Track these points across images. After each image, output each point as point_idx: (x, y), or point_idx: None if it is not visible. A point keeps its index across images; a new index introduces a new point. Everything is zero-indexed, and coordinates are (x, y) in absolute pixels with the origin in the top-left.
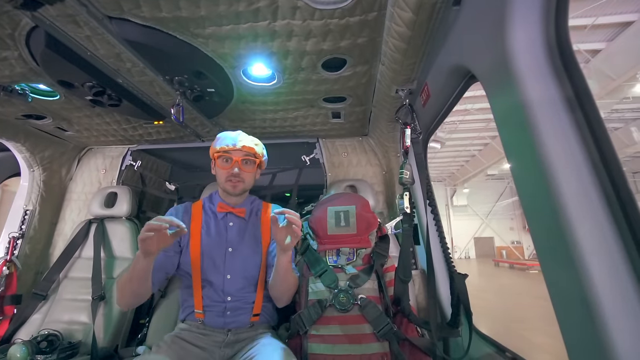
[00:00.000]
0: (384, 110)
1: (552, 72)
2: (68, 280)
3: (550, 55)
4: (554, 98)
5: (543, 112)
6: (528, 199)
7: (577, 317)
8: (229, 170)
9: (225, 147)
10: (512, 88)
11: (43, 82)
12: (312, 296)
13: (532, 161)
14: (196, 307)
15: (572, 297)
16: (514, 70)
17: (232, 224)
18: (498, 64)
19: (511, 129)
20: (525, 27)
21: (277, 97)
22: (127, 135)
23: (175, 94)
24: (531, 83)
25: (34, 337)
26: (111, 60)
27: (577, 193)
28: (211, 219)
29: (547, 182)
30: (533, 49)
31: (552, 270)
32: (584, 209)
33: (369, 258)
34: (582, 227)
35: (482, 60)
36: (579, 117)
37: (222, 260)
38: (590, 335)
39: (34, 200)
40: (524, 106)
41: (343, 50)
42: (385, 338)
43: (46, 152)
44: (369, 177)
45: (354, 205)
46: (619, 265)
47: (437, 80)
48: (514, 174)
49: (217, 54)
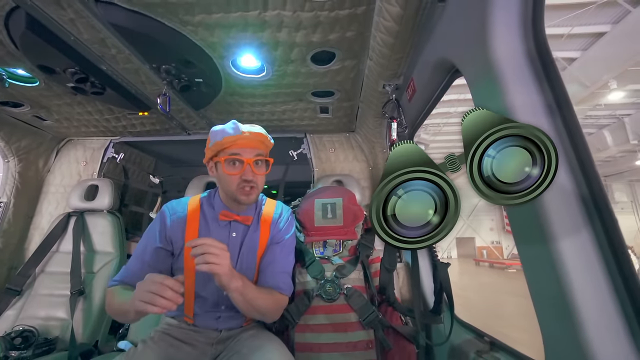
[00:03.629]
0: (371, 106)
1: (530, 66)
2: (45, 275)
3: (528, 52)
4: (532, 92)
5: (521, 102)
6: None
7: (555, 312)
8: (239, 175)
9: (228, 138)
10: (492, 79)
11: (22, 66)
12: (299, 287)
13: None
14: (186, 312)
15: (550, 294)
16: (493, 62)
17: (235, 235)
18: (479, 57)
19: None
20: (506, 21)
21: (265, 90)
22: (110, 127)
23: (161, 83)
24: (510, 75)
25: (7, 333)
26: (95, 46)
27: (555, 192)
28: (210, 228)
29: None
30: (512, 42)
31: (532, 268)
32: (562, 209)
33: (355, 249)
34: (560, 226)
35: (465, 54)
36: (557, 119)
37: None
38: (567, 330)
39: (9, 192)
40: (504, 98)
41: (332, 43)
42: (371, 326)
43: (22, 142)
44: (356, 172)
45: (340, 198)
46: (593, 264)
47: (423, 75)
48: None
49: (206, 42)
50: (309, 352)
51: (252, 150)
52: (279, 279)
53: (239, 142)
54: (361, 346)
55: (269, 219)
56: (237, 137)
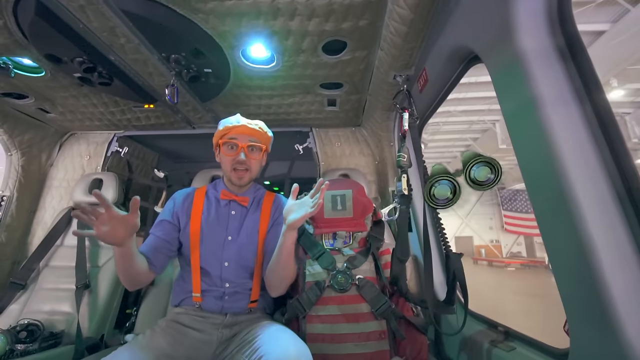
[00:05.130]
0: (379, 99)
1: (556, 49)
2: (49, 269)
3: (552, 32)
4: (560, 80)
5: (548, 88)
6: (530, 169)
7: (574, 269)
8: (234, 157)
9: (229, 125)
10: (516, 67)
11: (28, 55)
12: (310, 278)
13: (536, 137)
14: (194, 291)
15: (568, 250)
16: (519, 49)
17: (234, 213)
18: (502, 42)
19: (515, 106)
20: (532, 4)
21: (274, 82)
22: (114, 120)
23: (169, 74)
24: (536, 62)
25: (12, 327)
26: (104, 35)
27: (587, 183)
28: (213, 206)
29: (551, 160)
30: (539, 27)
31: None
32: (594, 200)
33: (365, 241)
34: (592, 216)
35: (486, 40)
36: (587, 108)
37: (221, 248)
38: (587, 287)
39: (12, 186)
40: (529, 85)
41: (344, 32)
42: (383, 316)
43: (25, 136)
44: (362, 166)
45: (350, 190)
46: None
47: (436, 64)
48: (516, 146)
49: (216, 31)
50: (321, 343)
51: (247, 137)
52: None
53: (236, 129)
54: (374, 336)
55: (270, 204)
56: (236, 125)
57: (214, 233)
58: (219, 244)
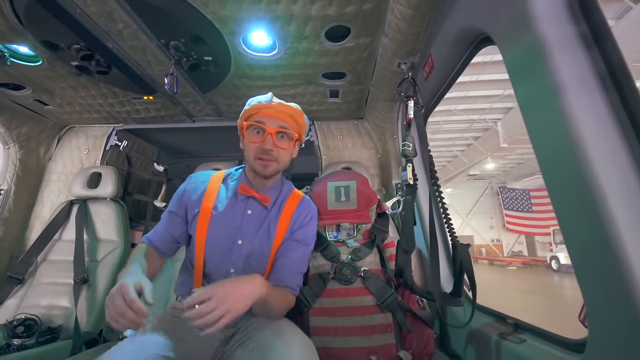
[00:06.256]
0: (382, 89)
1: (577, 33)
2: (47, 263)
3: (574, 17)
4: (582, 65)
5: (570, 75)
6: (549, 160)
7: (598, 266)
8: (259, 144)
9: (256, 104)
10: (533, 48)
11: (25, 42)
12: (313, 270)
13: (557, 126)
14: (195, 287)
15: (592, 247)
16: (535, 27)
17: (250, 212)
18: (517, 20)
19: (532, 93)
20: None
21: (275, 71)
22: (113, 112)
23: (169, 63)
24: (556, 45)
25: (9, 322)
26: (102, 20)
27: (599, 142)
28: (227, 198)
29: (574, 150)
30: (558, 5)
31: (570, 223)
32: (622, 189)
33: (369, 233)
34: (620, 207)
35: (498, 17)
36: (613, 96)
37: (228, 252)
38: (611, 282)
39: (9, 179)
40: (549, 71)
41: (347, 17)
42: (389, 309)
43: (23, 129)
44: (364, 160)
45: (354, 181)
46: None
47: (442, 49)
48: (533, 135)
49: (217, 16)
50: (324, 336)
51: (277, 121)
52: (295, 279)
53: (265, 111)
54: (379, 329)
55: (292, 208)
56: (265, 105)
57: (223, 233)
58: (227, 247)
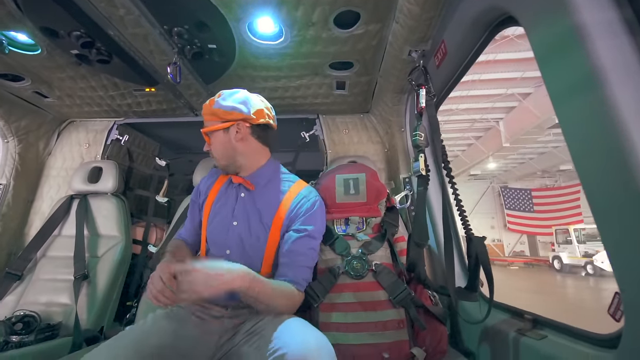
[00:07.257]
0: (390, 79)
1: (617, 7)
2: (46, 259)
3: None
4: (624, 45)
5: (612, 61)
6: (586, 155)
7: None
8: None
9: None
10: (567, 28)
11: (23, 29)
12: (323, 264)
13: (597, 118)
14: None
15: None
16: (570, 6)
17: (243, 195)
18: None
19: (566, 81)
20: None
21: (281, 60)
22: (114, 105)
23: (172, 52)
24: (594, 24)
25: (7, 318)
26: (102, 5)
27: None
28: (226, 188)
29: (618, 145)
30: None
31: (611, 225)
32: None
33: (379, 227)
34: None
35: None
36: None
37: (225, 233)
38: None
39: (8, 174)
40: (588, 57)
41: (358, 1)
42: (401, 305)
43: (22, 122)
44: (371, 154)
45: (363, 173)
46: None
47: (457, 34)
48: (567, 129)
49: (222, 0)
50: (335, 332)
51: (205, 124)
52: (300, 273)
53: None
54: (391, 325)
55: (293, 195)
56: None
57: (221, 217)
58: (224, 229)
